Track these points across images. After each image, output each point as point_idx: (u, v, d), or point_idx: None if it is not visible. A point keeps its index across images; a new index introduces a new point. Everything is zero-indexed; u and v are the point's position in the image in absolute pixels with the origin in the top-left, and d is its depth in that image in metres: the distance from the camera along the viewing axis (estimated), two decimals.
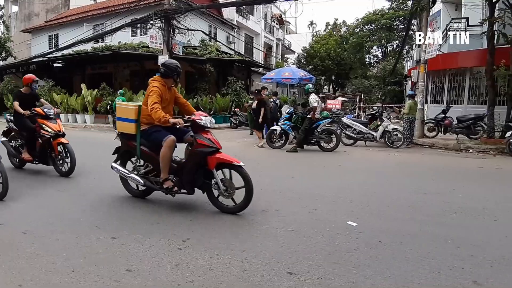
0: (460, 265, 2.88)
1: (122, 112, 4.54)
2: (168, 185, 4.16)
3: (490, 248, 3.24)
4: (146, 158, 4.40)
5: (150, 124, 4.26)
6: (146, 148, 4.33)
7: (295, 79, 16.86)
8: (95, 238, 3.33)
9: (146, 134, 4.31)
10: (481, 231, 3.73)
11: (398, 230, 3.67)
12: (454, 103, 15.42)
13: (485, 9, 13.15)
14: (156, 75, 4.47)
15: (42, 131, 5.88)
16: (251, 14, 29.98)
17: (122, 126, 4.54)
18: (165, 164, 4.12)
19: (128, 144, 4.53)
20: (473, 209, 4.50)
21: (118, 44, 20.24)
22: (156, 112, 3.99)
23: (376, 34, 36.56)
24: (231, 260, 2.91)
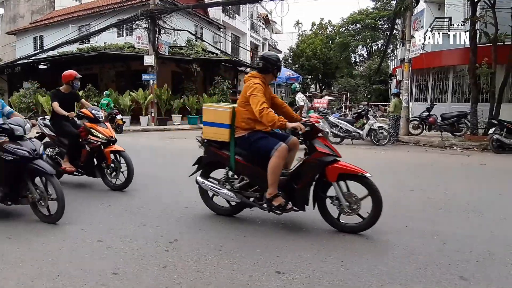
0: (446, 260, 2.92)
1: (211, 116, 3.80)
2: (280, 202, 3.46)
3: (475, 243, 3.30)
4: (243, 170, 3.70)
5: (249, 130, 3.61)
6: (243, 158, 3.65)
7: (281, 79, 16.94)
8: (81, 242, 3.27)
9: (245, 142, 3.61)
10: (466, 227, 3.80)
11: (384, 227, 3.70)
12: (438, 101, 15.70)
13: (467, 8, 13.43)
14: (253, 71, 3.89)
15: (91, 137, 5.08)
16: (237, 14, 29.94)
17: (211, 132, 3.80)
18: (276, 177, 3.42)
19: (218, 154, 3.81)
20: (458, 205, 4.58)
21: (104, 45, 20.00)
22: (268, 114, 3.36)
23: (361, 33, 36.97)
24: (219, 260, 2.89)
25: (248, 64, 28.29)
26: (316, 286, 2.51)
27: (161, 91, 17.73)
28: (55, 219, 3.68)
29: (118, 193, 5.00)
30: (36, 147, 3.74)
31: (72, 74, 5.42)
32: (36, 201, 3.70)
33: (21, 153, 3.58)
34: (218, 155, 3.81)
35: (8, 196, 3.80)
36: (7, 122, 3.73)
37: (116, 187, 5.14)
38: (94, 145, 5.06)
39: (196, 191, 4.15)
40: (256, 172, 3.57)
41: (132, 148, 10.38)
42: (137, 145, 11.12)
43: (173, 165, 7.64)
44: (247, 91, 3.55)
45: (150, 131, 16.10)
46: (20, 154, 3.58)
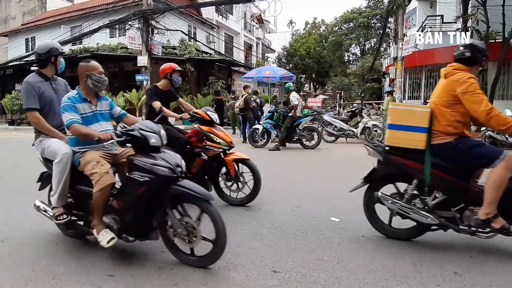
0: (441, 256, 2.95)
1: (403, 117, 3.11)
2: (503, 224, 2.83)
3: (469, 238, 3.32)
4: (441, 184, 3.01)
5: (456, 135, 2.98)
6: (440, 169, 2.99)
7: (275, 78, 16.94)
8: (75, 244, 3.25)
9: (451, 150, 2.97)
10: None
11: None
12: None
13: (459, 6, 13.56)
14: (454, 63, 3.16)
15: (211, 144, 4.24)
16: (230, 13, 29.93)
17: (400, 137, 3.11)
18: (499, 193, 2.79)
19: (404, 164, 3.11)
20: None
21: (97, 46, 19.91)
22: (499, 115, 2.80)
23: (354, 32, 37.20)
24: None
25: (242, 63, 28.30)
26: (312, 284, 2.52)
27: None
28: (208, 262, 2.74)
29: None
30: (178, 162, 2.79)
31: (171, 66, 4.68)
32: (182, 238, 2.74)
33: (161, 170, 2.62)
34: (404, 166, 3.11)
35: (133, 229, 2.82)
36: (136, 128, 2.77)
37: (239, 201, 4.39)
38: (214, 153, 4.22)
39: None
40: (461, 186, 2.96)
41: None
42: None
43: None
44: (456, 88, 2.92)
45: None
46: (159, 173, 2.62)
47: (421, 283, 2.53)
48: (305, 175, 6.60)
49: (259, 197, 4.80)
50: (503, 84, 14.14)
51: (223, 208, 4.28)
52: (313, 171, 7.09)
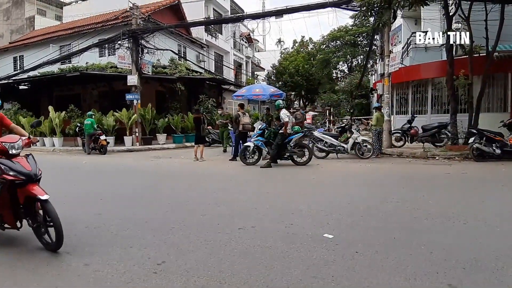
0: (434, 269, 2.95)
1: None
2: None
3: (462, 251, 3.34)
4: None
5: None
6: None
7: (265, 95, 17.07)
8: (66, 266, 3.17)
9: None
10: (452, 235, 3.85)
11: (373, 239, 3.72)
12: (418, 113, 16.08)
13: (443, 22, 13.96)
14: None
15: None
16: (219, 33, 30.34)
17: None
18: None
19: None
20: (443, 214, 4.64)
21: (86, 65, 19.90)
22: None
23: (342, 50, 37.91)
24: (209, 281, 2.84)
25: (232, 82, 28.52)
26: None
27: (145, 110, 17.66)
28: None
29: (103, 216, 4.88)
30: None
31: None
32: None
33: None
34: None
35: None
36: None
37: None
38: None
39: (181, 210, 4.10)
40: None
41: (114, 169, 10.29)
42: (120, 166, 10.96)
43: (157, 186, 7.55)
44: None
45: (134, 151, 15.91)
46: None
47: None
48: (297, 192, 6.58)
49: (251, 215, 4.77)
50: (488, 97, 14.47)
51: (213, 227, 4.24)
52: (305, 187, 7.08)
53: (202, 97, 19.87)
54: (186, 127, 18.93)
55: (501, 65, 13.73)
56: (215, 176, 8.66)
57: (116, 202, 5.80)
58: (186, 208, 5.22)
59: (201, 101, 19.64)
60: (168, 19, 22.35)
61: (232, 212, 5.00)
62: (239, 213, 4.83)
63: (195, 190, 6.80)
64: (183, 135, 18.66)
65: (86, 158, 13.24)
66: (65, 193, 6.20)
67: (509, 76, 14.57)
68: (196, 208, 5.14)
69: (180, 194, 6.41)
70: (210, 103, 19.55)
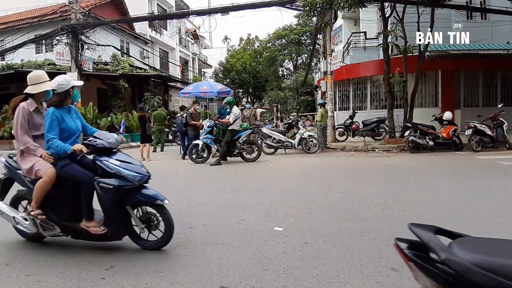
0: (378, 255, 3.14)
1: None
2: None
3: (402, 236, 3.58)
4: None
5: None
6: None
7: (213, 93, 16.95)
8: (6, 277, 2.92)
9: None
10: (392, 222, 4.12)
11: (321, 229, 3.87)
12: (359, 109, 16.99)
13: (380, 23, 14.82)
14: None
15: None
16: (164, 29, 29.53)
17: None
18: None
19: None
20: (384, 203, 4.96)
21: (21, 62, 18.36)
22: None
23: (287, 48, 38.76)
24: (160, 282, 2.77)
25: (178, 79, 27.91)
26: None
27: (86, 109, 16.72)
28: None
29: None
30: None
31: None
32: None
33: None
34: None
35: None
36: None
37: None
38: None
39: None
40: None
41: None
42: None
43: None
44: None
45: None
46: None
47: (362, 282, 2.67)
48: (247, 188, 6.64)
49: (202, 213, 4.74)
50: (421, 93, 15.69)
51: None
52: (255, 183, 7.16)
53: (147, 95, 19.24)
54: (131, 126, 18.23)
55: (432, 64, 14.96)
56: (163, 175, 8.45)
57: None
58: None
59: (146, 99, 19.01)
60: (109, 13, 21.32)
61: (181, 211, 4.91)
62: (189, 212, 4.76)
63: None
64: (128, 134, 17.94)
65: None
66: None
67: (439, 74, 15.92)
68: None
69: None
70: (156, 100, 18.98)
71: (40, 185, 3.30)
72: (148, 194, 3.38)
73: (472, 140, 10.30)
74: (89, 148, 3.39)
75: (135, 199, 3.37)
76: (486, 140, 10.30)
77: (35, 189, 3.33)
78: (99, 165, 3.35)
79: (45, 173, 3.30)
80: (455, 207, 4.73)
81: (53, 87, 3.49)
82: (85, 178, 3.31)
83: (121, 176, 3.27)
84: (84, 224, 3.33)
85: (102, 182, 3.27)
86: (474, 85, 16.42)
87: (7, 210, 3.65)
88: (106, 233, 3.32)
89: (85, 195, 3.29)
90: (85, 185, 3.29)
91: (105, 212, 3.37)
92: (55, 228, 3.44)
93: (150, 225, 3.44)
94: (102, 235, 3.33)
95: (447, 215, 4.33)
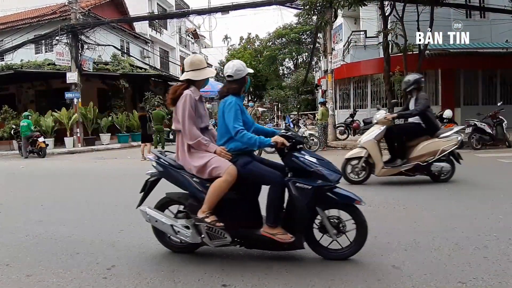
0: (379, 252, 3.16)
1: None
2: None
3: (403, 234, 3.61)
4: None
5: None
6: None
7: (214, 92, 17.00)
8: (6, 278, 2.94)
9: None
10: (393, 221, 4.14)
11: None
12: (359, 108, 16.99)
13: (380, 22, 14.84)
14: None
15: None
16: (164, 28, 29.53)
17: None
18: None
19: None
20: (385, 202, 4.98)
21: (21, 62, 18.40)
22: None
23: (287, 47, 38.78)
24: (162, 281, 2.79)
25: (179, 78, 27.91)
26: None
27: (87, 109, 16.74)
28: None
29: (44, 223, 4.57)
30: None
31: None
32: None
33: None
34: None
35: None
36: None
37: None
38: None
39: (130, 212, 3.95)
40: None
41: (55, 173, 9.64)
42: (60, 169, 10.31)
43: (102, 188, 7.23)
44: None
45: (76, 152, 15.05)
46: None
47: (363, 279, 2.69)
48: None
49: None
50: None
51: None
52: None
53: (148, 94, 19.26)
54: (132, 126, 18.25)
55: (432, 62, 14.96)
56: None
57: (58, 207, 5.46)
58: (134, 209, 5.04)
59: (146, 99, 19.03)
60: (109, 13, 21.33)
61: None
62: None
63: None
64: (128, 134, 17.98)
65: (23, 163, 12.27)
66: (0, 201, 5.73)
67: (439, 72, 15.92)
68: None
69: (128, 195, 6.15)
70: (156, 100, 19.00)
71: (218, 186, 2.86)
72: (343, 194, 2.98)
73: (472, 138, 10.30)
74: (289, 141, 2.95)
75: (328, 201, 2.98)
76: (486, 138, 10.31)
77: (211, 190, 2.88)
78: (297, 163, 2.93)
79: (226, 172, 2.85)
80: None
81: (229, 73, 3.09)
82: (276, 178, 2.90)
83: (320, 175, 2.88)
84: (267, 231, 2.91)
85: (299, 182, 2.87)
86: (474, 84, 16.43)
87: (162, 217, 3.16)
88: (294, 241, 2.93)
89: (275, 197, 2.87)
90: (276, 185, 2.87)
91: (297, 216, 2.92)
92: (225, 236, 2.96)
93: (339, 230, 3.04)
94: (290, 244, 2.92)
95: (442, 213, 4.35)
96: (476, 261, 2.93)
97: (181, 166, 3.08)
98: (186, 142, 3.01)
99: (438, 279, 2.65)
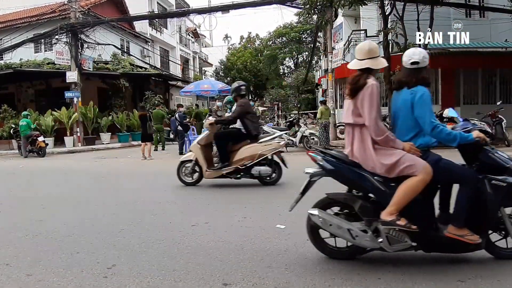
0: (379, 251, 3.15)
1: None
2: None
3: None
4: None
5: None
6: None
7: (214, 91, 17.02)
8: (6, 278, 2.94)
9: None
10: None
11: None
12: None
13: (380, 21, 14.81)
14: None
15: None
16: (164, 27, 29.51)
17: None
18: None
19: None
20: None
21: (20, 62, 18.39)
22: None
23: (288, 46, 38.79)
24: (163, 281, 2.79)
25: (179, 77, 27.92)
26: None
27: (87, 108, 16.73)
28: None
29: (45, 222, 4.58)
30: None
31: None
32: None
33: None
34: None
35: None
36: None
37: None
38: None
39: (130, 211, 3.98)
40: None
41: (55, 172, 9.65)
42: (61, 168, 10.32)
43: (102, 188, 7.24)
44: None
45: (77, 152, 15.06)
46: None
47: (364, 278, 2.69)
48: (247, 186, 6.65)
49: (204, 212, 4.77)
50: None
51: (165, 226, 4.18)
52: (255, 181, 7.16)
53: (148, 94, 19.25)
54: (132, 125, 18.26)
55: (432, 62, 14.81)
56: (165, 174, 8.48)
57: (59, 206, 5.47)
58: (135, 208, 5.06)
59: (147, 98, 19.03)
60: (109, 12, 21.33)
61: (184, 209, 4.95)
62: (191, 211, 4.79)
63: (144, 190, 6.61)
64: (128, 134, 17.99)
65: (23, 162, 12.28)
66: (0, 200, 5.74)
67: (439, 71, 15.90)
68: (146, 208, 5.02)
69: (128, 194, 6.19)
70: (157, 99, 19.00)
71: (415, 186, 2.63)
72: None
73: None
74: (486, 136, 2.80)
75: None
76: None
77: (403, 190, 2.65)
78: (493, 158, 2.75)
79: (423, 170, 2.63)
80: None
81: (415, 59, 2.84)
82: (471, 175, 2.72)
83: None
84: (454, 233, 2.70)
85: (495, 179, 2.68)
86: (474, 83, 16.45)
87: (338, 221, 2.85)
88: (481, 242, 2.72)
89: (468, 197, 2.67)
90: (471, 183, 2.67)
91: (489, 215, 2.73)
92: (406, 240, 2.71)
93: None
94: (476, 245, 2.72)
95: None
96: (475, 259, 2.93)
97: (355, 163, 2.83)
98: (370, 137, 2.74)
99: (438, 277, 2.65)
